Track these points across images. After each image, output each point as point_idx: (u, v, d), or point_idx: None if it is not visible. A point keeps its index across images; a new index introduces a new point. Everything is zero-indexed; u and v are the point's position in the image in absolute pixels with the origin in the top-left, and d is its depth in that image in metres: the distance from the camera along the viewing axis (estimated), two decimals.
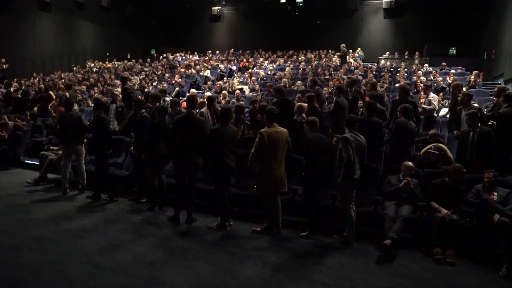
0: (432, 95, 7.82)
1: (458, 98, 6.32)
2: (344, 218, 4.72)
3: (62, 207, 5.56)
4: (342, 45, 16.90)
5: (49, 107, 10.26)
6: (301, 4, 22.18)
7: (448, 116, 8.17)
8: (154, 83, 13.31)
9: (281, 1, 22.33)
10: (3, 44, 15.58)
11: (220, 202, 4.87)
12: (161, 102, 7.80)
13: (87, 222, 4.90)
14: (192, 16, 24.23)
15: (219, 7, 23.95)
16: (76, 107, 8.61)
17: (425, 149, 5.70)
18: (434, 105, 7.89)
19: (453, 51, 17.12)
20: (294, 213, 5.26)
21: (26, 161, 8.24)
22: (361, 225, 4.87)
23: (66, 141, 6.20)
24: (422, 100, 8.00)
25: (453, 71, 12.49)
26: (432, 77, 12.10)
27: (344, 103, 7.12)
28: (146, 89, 9.45)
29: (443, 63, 13.92)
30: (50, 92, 10.50)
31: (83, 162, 6.41)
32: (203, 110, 6.30)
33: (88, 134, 6.65)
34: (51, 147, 7.57)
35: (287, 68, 14.23)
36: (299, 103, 6.33)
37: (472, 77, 10.76)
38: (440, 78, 11.67)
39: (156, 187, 5.62)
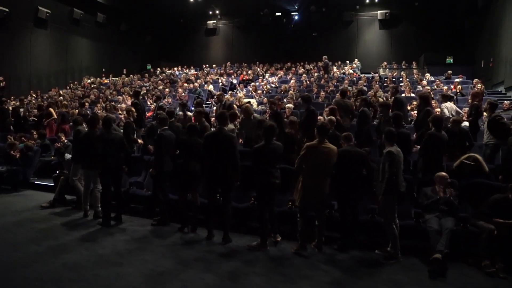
0: (444, 104, 7.78)
1: (482, 107, 6.30)
2: (386, 233, 4.61)
3: (87, 230, 5.31)
4: (324, 56, 17.10)
5: (52, 125, 9.99)
6: (296, 17, 22.42)
7: (464, 124, 8.18)
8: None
9: (277, 14, 22.54)
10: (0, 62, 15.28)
11: (261, 221, 4.70)
12: (175, 116, 7.61)
13: (119, 247, 4.66)
14: (187, 31, 24.25)
15: (215, 21, 24.01)
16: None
17: (458, 161, 5.60)
18: (444, 113, 7.79)
19: (450, 60, 17.37)
20: (332, 229, 5.11)
21: (36, 182, 7.94)
22: (402, 239, 4.75)
23: (88, 164, 5.93)
24: (438, 110, 7.98)
25: (457, 80, 12.62)
26: (436, 87, 12.20)
27: (368, 114, 7.10)
28: (160, 102, 9.32)
29: (449, 71, 14.10)
30: (50, 109, 10.25)
31: (99, 185, 6.08)
32: (231, 126, 6.16)
33: None
34: (57, 171, 7.29)
35: (291, 81, 14.21)
36: (330, 117, 6.23)
37: (479, 85, 10.87)
38: (446, 87, 11.77)
39: (185, 207, 5.41)
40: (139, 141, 7.52)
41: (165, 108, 9.11)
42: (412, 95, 11.40)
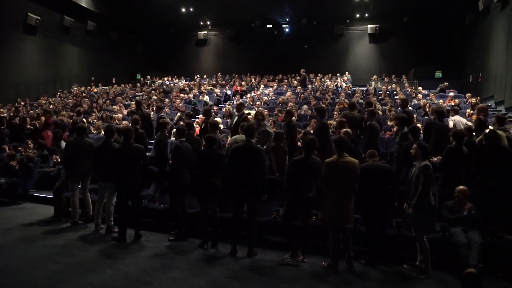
0: (452, 117, 7.93)
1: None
2: (418, 246, 4.59)
3: (103, 246, 5.07)
4: (301, 70, 17.31)
5: (45, 134, 9.63)
6: (287, 30, 22.64)
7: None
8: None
9: (268, 26, 22.68)
10: None
11: (287, 233, 4.61)
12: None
13: (143, 264, 4.46)
14: (178, 41, 24.09)
15: (206, 32, 23.96)
16: None
17: (479, 137, 5.64)
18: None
19: (438, 74, 17.86)
20: (358, 243, 5.05)
21: (35, 194, 7.59)
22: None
23: (102, 176, 5.70)
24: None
25: (451, 94, 12.96)
26: (431, 100, 12.47)
27: (377, 127, 7.15)
28: (161, 112, 9.12)
29: (446, 83, 14.48)
30: (42, 117, 9.91)
31: (114, 199, 5.82)
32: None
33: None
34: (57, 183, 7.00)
35: (288, 93, 14.26)
36: (346, 129, 6.21)
37: (474, 99, 11.22)
38: (441, 101, 12.05)
39: (206, 222, 5.25)
40: None
41: (164, 118, 8.95)
42: (410, 108, 11.62)
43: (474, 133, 6.83)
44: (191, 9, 21.10)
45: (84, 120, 10.48)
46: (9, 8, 15.45)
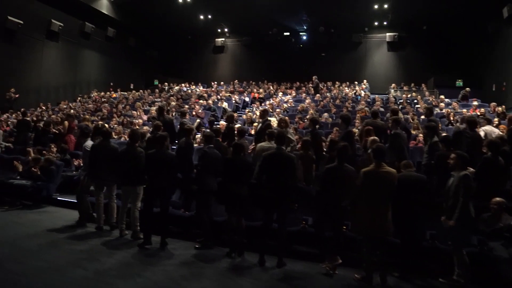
0: (484, 128, 7.70)
1: None
2: (455, 260, 4.40)
3: (129, 253, 4.99)
4: (314, 76, 17.18)
5: (69, 139, 9.71)
6: (305, 37, 22.61)
7: None
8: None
9: (285, 33, 22.69)
10: (10, 74, 14.99)
11: (320, 242, 4.50)
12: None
13: (172, 273, 4.36)
14: (195, 48, 24.30)
15: (223, 39, 24.11)
16: None
17: None
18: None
19: (459, 83, 17.54)
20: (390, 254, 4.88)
21: (59, 198, 7.60)
22: None
23: (127, 181, 5.66)
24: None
25: (475, 103, 12.66)
26: (454, 109, 12.18)
27: (402, 135, 6.96)
28: (184, 118, 9.09)
29: (467, 89, 14.19)
30: (66, 122, 10.00)
31: (138, 204, 5.76)
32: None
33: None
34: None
35: (307, 100, 14.15)
36: (373, 137, 6.06)
37: (500, 108, 10.94)
38: (465, 110, 11.77)
39: (232, 230, 5.14)
40: None
41: (186, 124, 8.92)
42: (433, 117, 11.37)
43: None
44: (209, 16, 21.27)
45: (106, 125, 10.55)
46: (34, 15, 15.83)
